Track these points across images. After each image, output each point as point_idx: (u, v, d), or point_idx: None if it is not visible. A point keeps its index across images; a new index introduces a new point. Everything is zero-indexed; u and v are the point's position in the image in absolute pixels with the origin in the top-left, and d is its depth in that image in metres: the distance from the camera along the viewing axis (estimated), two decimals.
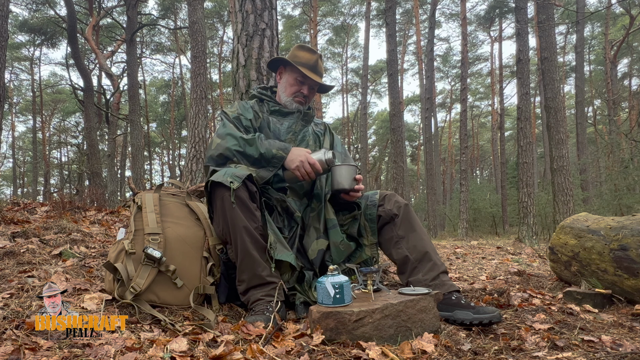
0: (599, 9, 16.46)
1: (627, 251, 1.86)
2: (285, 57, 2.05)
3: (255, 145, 1.79)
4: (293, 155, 1.79)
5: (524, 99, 8.61)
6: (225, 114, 1.97)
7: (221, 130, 1.87)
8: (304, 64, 1.99)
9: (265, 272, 1.63)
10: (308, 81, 2.01)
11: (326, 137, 2.13)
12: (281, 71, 2.10)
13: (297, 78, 2.02)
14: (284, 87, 2.05)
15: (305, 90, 2.03)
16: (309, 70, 1.99)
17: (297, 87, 2.02)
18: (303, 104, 2.05)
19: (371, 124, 33.21)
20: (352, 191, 1.82)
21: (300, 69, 1.97)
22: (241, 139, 1.80)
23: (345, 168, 1.82)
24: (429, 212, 16.31)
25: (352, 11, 23.97)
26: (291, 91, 2.03)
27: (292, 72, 2.03)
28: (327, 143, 2.11)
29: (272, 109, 2.02)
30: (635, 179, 11.38)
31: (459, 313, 1.58)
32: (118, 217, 3.90)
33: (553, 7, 8.39)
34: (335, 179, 1.82)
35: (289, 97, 2.03)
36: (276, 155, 1.78)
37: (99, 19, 15.05)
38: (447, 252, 4.41)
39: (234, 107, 2.01)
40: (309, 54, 2.03)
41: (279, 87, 2.08)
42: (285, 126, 2.01)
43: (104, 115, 14.95)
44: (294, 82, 2.02)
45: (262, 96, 2.07)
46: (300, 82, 2.02)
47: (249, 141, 1.79)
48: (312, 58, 2.01)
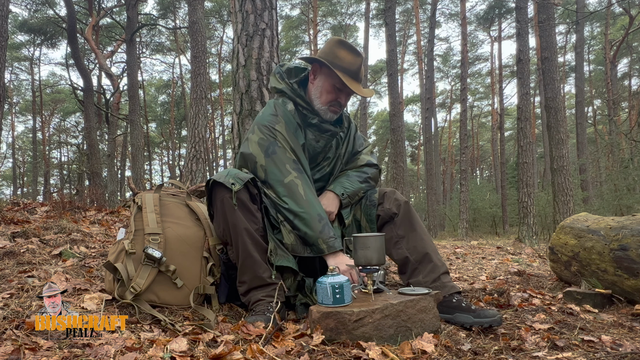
0: (598, 9, 16.46)
1: (627, 251, 1.86)
2: (322, 58, 1.76)
3: (305, 222, 1.63)
4: (339, 259, 1.62)
5: (524, 99, 8.62)
6: (277, 141, 1.71)
7: (277, 174, 1.67)
8: (346, 70, 1.73)
9: (266, 274, 1.62)
10: (347, 89, 1.77)
11: (346, 140, 1.95)
12: (316, 70, 1.82)
13: (336, 85, 1.77)
14: (318, 92, 1.80)
15: (342, 99, 1.81)
16: (350, 79, 1.74)
17: (334, 95, 1.79)
18: (337, 114, 1.84)
19: (371, 124, 33.24)
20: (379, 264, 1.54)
21: (341, 77, 1.71)
22: (295, 206, 1.65)
23: (373, 240, 1.51)
24: (429, 212, 16.32)
25: (349, 10, 23.95)
26: (327, 99, 1.79)
27: (330, 77, 1.77)
28: (347, 149, 1.96)
29: (311, 122, 1.81)
30: (635, 179, 11.39)
31: (460, 316, 1.57)
32: (118, 217, 3.90)
33: (553, 7, 8.39)
34: (362, 253, 1.51)
35: (323, 105, 1.80)
36: (320, 247, 1.63)
37: (98, 19, 15.06)
38: (447, 252, 4.41)
39: (281, 125, 1.75)
40: (352, 55, 1.75)
41: (312, 89, 1.83)
42: (321, 146, 1.85)
43: (104, 115, 14.96)
44: (331, 89, 1.78)
45: (298, 99, 1.82)
46: (338, 90, 1.78)
47: (301, 215, 1.64)
48: (355, 62, 1.74)
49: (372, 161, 1.96)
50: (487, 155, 35.28)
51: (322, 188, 1.91)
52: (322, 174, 1.91)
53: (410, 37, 26.80)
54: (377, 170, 1.98)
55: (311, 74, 1.85)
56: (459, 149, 21.03)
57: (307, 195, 1.67)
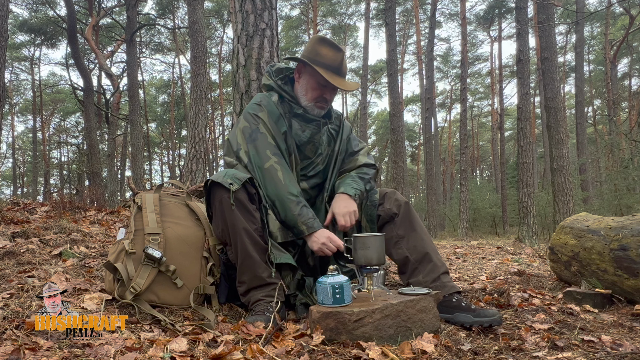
0: (598, 9, 16.47)
1: (627, 251, 1.86)
2: (304, 57, 1.83)
3: (283, 206, 1.68)
4: (316, 237, 1.67)
5: (524, 99, 8.62)
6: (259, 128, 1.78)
7: (258, 159, 1.74)
8: (328, 66, 1.79)
9: (265, 274, 1.62)
10: (331, 85, 1.81)
11: (338, 138, 1.98)
12: (300, 70, 1.88)
13: (320, 82, 1.82)
14: (304, 89, 1.86)
15: (327, 95, 1.86)
16: (333, 75, 1.79)
17: (319, 92, 1.84)
18: (324, 109, 1.89)
19: (371, 124, 33.22)
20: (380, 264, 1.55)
21: (324, 75, 1.76)
22: (274, 190, 1.70)
23: (373, 240, 1.52)
24: (429, 212, 16.31)
25: (349, 10, 23.95)
26: (312, 96, 1.84)
27: (314, 75, 1.82)
28: (340, 147, 1.98)
29: (297, 112, 1.87)
30: (635, 179, 11.39)
31: (460, 316, 1.57)
32: (118, 217, 3.90)
33: (553, 7, 8.40)
34: (362, 253, 1.51)
35: (309, 102, 1.85)
36: (299, 228, 1.67)
37: (98, 19, 15.06)
38: (447, 252, 4.41)
39: (264, 113, 1.82)
40: (333, 51, 1.80)
41: (298, 88, 1.89)
42: (307, 135, 1.88)
43: (103, 115, 14.95)
44: (316, 85, 1.83)
45: (283, 93, 1.88)
46: (322, 86, 1.83)
47: (280, 199, 1.69)
48: (336, 58, 1.80)
49: (369, 162, 1.98)
50: (487, 155, 35.28)
51: (318, 185, 1.93)
52: (316, 171, 1.92)
53: (410, 37, 26.80)
54: (375, 171, 2.00)
55: (296, 73, 1.91)
56: (459, 149, 21.03)
57: (285, 179, 1.72)
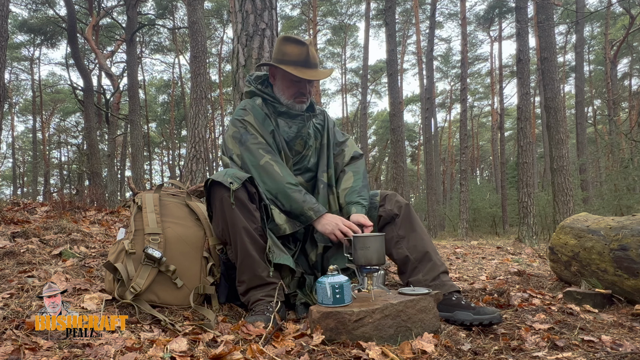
0: (598, 9, 16.46)
1: (627, 251, 1.86)
2: (273, 60, 1.90)
3: (287, 197, 1.73)
4: (326, 220, 1.71)
5: (524, 99, 8.62)
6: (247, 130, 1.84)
7: (252, 159, 1.78)
8: (296, 62, 1.84)
9: (265, 273, 1.62)
10: (304, 79, 1.87)
11: (325, 131, 2.02)
12: (273, 72, 1.96)
13: (292, 79, 1.87)
14: (281, 89, 1.92)
15: (303, 89, 1.91)
16: (302, 69, 1.85)
17: (295, 88, 1.90)
18: (305, 102, 1.95)
19: (371, 124, 33.19)
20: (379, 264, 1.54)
21: (293, 72, 1.82)
22: (274, 184, 1.75)
23: (373, 240, 1.51)
24: (429, 212, 16.32)
25: (349, 11, 23.95)
26: (290, 94, 1.90)
27: (285, 74, 1.88)
28: (329, 139, 2.02)
29: (280, 111, 1.92)
30: (635, 179, 11.39)
31: (459, 314, 1.58)
32: (118, 217, 3.90)
33: (553, 7, 8.39)
34: (362, 253, 1.51)
35: (289, 99, 1.91)
36: (307, 214, 1.72)
37: (98, 19, 15.07)
38: (447, 252, 4.41)
39: (250, 116, 1.88)
40: (297, 47, 1.85)
41: (276, 89, 1.95)
42: (295, 130, 1.93)
43: (103, 115, 14.95)
44: (290, 83, 1.89)
45: (265, 96, 1.95)
46: (296, 82, 1.88)
47: (282, 192, 1.74)
48: (302, 52, 1.84)
49: (357, 152, 2.05)
50: (487, 155, 35.27)
51: (313, 178, 1.96)
52: (309, 164, 1.96)
53: (410, 37, 26.79)
54: (364, 160, 2.08)
55: (270, 77, 1.99)
56: (459, 149, 21.01)
57: (283, 172, 1.77)
